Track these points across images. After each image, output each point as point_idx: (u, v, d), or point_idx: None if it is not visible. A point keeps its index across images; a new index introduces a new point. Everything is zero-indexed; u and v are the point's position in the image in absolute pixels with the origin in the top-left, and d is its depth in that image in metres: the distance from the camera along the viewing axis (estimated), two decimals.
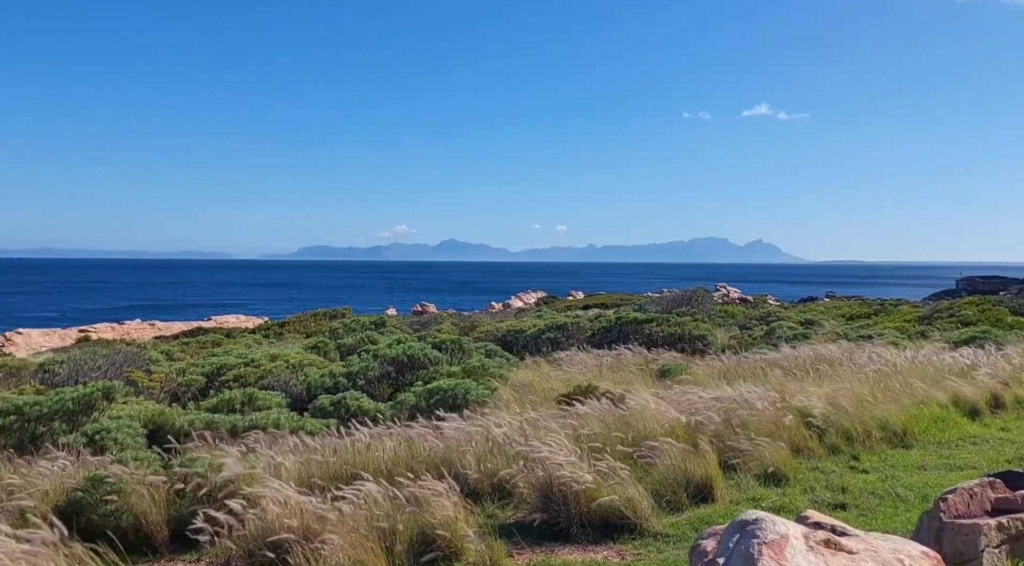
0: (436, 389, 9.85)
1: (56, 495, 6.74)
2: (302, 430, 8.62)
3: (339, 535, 5.25)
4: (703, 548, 3.68)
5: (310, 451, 7.57)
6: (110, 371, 14.03)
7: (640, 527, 6.30)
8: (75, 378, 13.54)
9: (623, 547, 6.11)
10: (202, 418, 8.83)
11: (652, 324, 16.81)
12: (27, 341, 38.92)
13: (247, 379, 12.31)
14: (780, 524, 3.44)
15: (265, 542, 5.47)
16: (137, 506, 6.48)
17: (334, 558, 5.12)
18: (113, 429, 8.20)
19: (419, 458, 7.44)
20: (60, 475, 7.06)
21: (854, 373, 11.41)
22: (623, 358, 14.01)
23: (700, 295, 26.97)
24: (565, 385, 11.37)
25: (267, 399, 10.22)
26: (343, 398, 10.06)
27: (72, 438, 8.12)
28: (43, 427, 8.86)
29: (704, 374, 12.37)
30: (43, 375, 14.11)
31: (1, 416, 8.78)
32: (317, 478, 6.98)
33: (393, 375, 12.00)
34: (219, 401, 10.16)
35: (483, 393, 9.81)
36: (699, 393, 9.47)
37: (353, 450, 7.56)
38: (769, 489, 7.35)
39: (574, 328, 17.43)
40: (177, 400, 12.02)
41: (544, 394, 10.93)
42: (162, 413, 9.28)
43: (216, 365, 13.33)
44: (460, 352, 13.59)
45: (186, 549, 6.37)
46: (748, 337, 18.44)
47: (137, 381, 12.35)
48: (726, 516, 6.40)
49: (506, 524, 6.62)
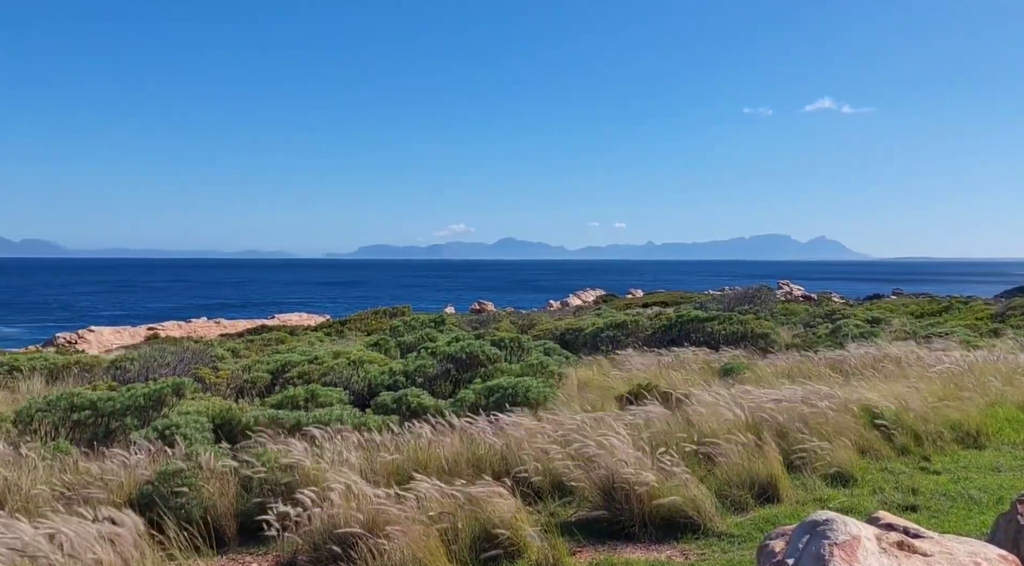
0: (496, 387, 9.87)
1: (129, 487, 6.93)
2: (364, 426, 8.72)
3: (402, 531, 5.30)
4: (771, 548, 3.61)
5: (372, 447, 7.65)
6: (178, 368, 14.36)
7: (704, 527, 6.23)
8: (145, 375, 13.89)
9: (686, 547, 6.04)
10: (267, 414, 8.99)
11: (713, 322, 16.60)
12: (99, 339, 40.07)
13: (310, 376, 12.49)
14: (851, 525, 3.37)
15: (330, 536, 5.55)
16: (206, 499, 6.63)
17: (397, 553, 5.16)
18: (182, 424, 8.39)
19: (479, 455, 7.47)
20: (133, 468, 7.26)
21: (923, 372, 11.11)
22: (684, 357, 13.87)
23: (763, 293, 26.55)
24: (625, 383, 11.31)
25: (330, 395, 10.35)
26: (404, 395, 10.15)
27: (143, 432, 8.33)
28: (116, 422, 9.11)
29: (767, 373, 12.18)
30: (115, 372, 14.50)
31: (77, 411, 9.06)
32: (379, 474, 7.06)
33: (453, 372, 12.05)
34: (283, 397, 10.32)
35: (543, 391, 9.80)
36: (762, 392, 9.32)
37: (414, 447, 7.63)
38: (836, 490, 7.20)
39: (634, 326, 17.31)
40: (243, 396, 12.27)
41: (604, 392, 10.88)
42: (229, 409, 9.47)
43: (280, 362, 13.55)
44: (519, 350, 13.60)
45: (254, 542, 6.50)
46: (812, 335, 18.10)
47: (204, 378, 12.62)
48: (792, 517, 6.29)
49: (567, 522, 6.61)
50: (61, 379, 14.84)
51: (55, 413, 9.04)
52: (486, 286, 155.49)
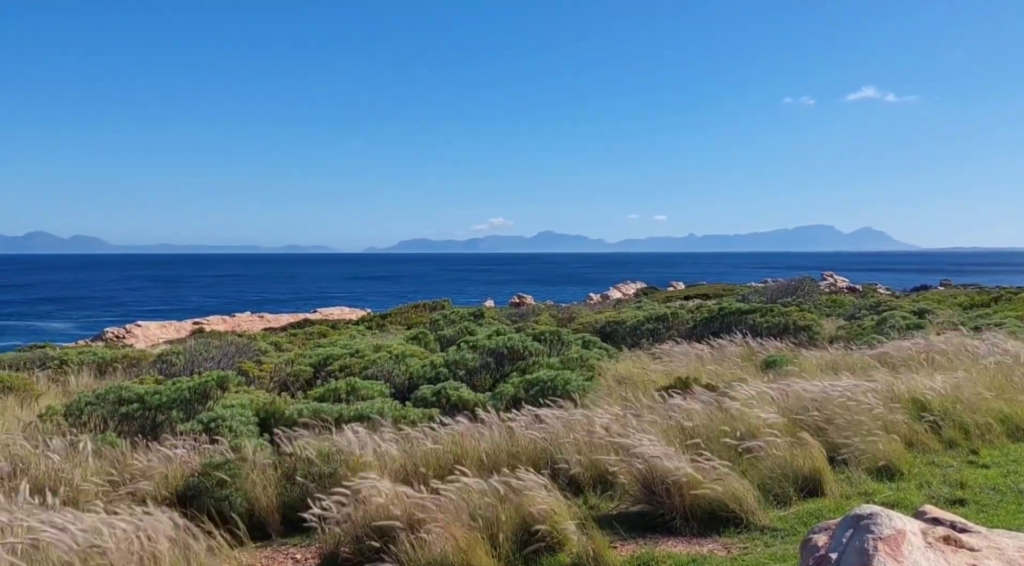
0: (535, 380, 9.87)
1: (175, 479, 7.05)
2: (405, 419, 8.77)
3: (442, 523, 5.33)
4: (814, 542, 3.57)
5: (413, 440, 7.69)
6: (223, 361, 14.56)
7: (746, 521, 6.18)
8: (190, 368, 14.11)
9: (729, 540, 6.00)
10: (310, 407, 9.07)
11: (756, 314, 16.42)
12: (145, 333, 40.80)
13: (352, 369, 12.60)
14: (896, 519, 3.31)
15: (372, 528, 5.60)
16: (250, 491, 6.73)
17: (438, 546, 5.19)
18: (227, 417, 8.50)
19: (520, 449, 7.48)
20: (179, 460, 7.39)
21: (972, 364, 10.89)
22: (726, 349, 13.74)
23: (806, 284, 26.20)
24: (666, 377, 11.24)
25: (371, 389, 10.43)
26: (444, 388, 10.19)
27: (189, 425, 8.46)
28: (162, 415, 9.27)
29: (811, 366, 12.02)
30: (161, 365, 14.75)
31: (125, 404, 9.23)
32: (420, 467, 7.10)
33: (492, 366, 12.08)
34: (326, 390, 10.42)
35: (583, 384, 9.78)
36: (806, 385, 9.21)
37: (454, 440, 7.65)
38: (882, 484, 7.10)
39: (674, 319, 17.19)
40: (286, 389, 12.41)
41: (645, 386, 10.82)
42: (272, 402, 9.58)
43: (322, 356, 13.69)
44: (559, 343, 13.58)
45: (297, 533, 6.58)
46: (857, 327, 17.82)
47: (248, 371, 12.79)
48: (836, 511, 6.22)
49: (608, 515, 6.60)
50: (109, 373, 15.13)
51: (104, 406, 9.21)
52: (525, 279, 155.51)
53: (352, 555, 5.68)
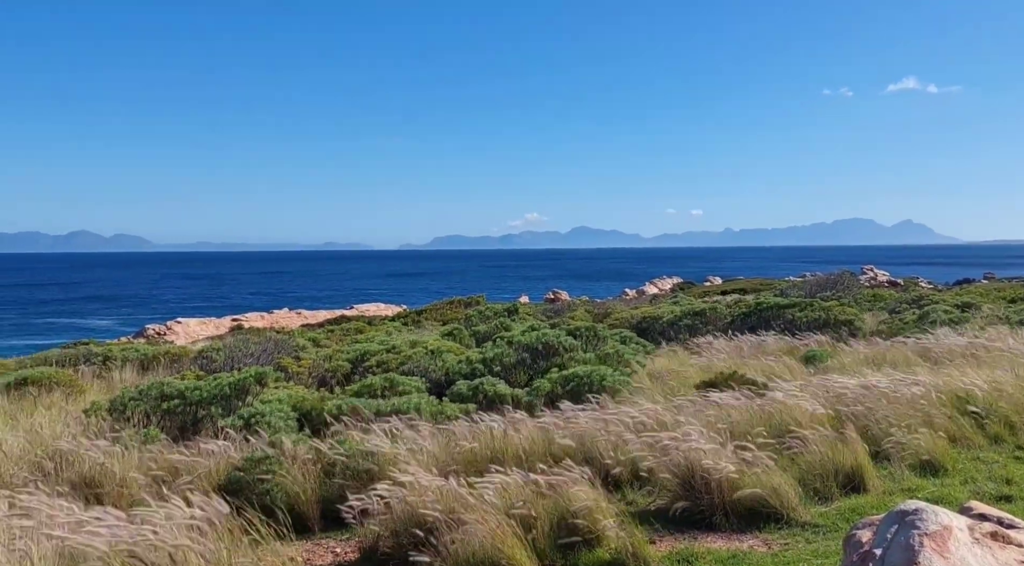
0: (572, 376, 9.86)
1: (217, 474, 7.14)
2: (441, 415, 8.81)
3: (480, 519, 5.34)
4: (858, 538, 3.53)
5: (450, 435, 7.72)
6: (262, 358, 14.71)
7: (787, 517, 6.13)
8: (230, 364, 14.27)
9: (769, 536, 5.95)
10: (348, 402, 9.14)
11: (795, 309, 16.24)
12: (185, 330, 41.39)
13: (389, 365, 12.67)
14: (942, 515, 3.26)
15: (410, 523, 5.63)
16: (290, 486, 6.80)
17: (476, 541, 5.20)
18: (266, 413, 8.59)
19: (556, 444, 7.47)
20: (220, 456, 7.49)
21: (1017, 358, 10.68)
22: (764, 345, 13.62)
23: (846, 278, 25.85)
24: (704, 372, 11.16)
25: (408, 384, 10.48)
26: (480, 384, 10.21)
27: (229, 421, 8.56)
28: (203, 410, 9.39)
29: (851, 361, 11.88)
30: (201, 361, 14.94)
31: (167, 400, 9.37)
32: (456, 462, 7.12)
33: (528, 362, 12.07)
34: (363, 386, 10.49)
35: (619, 380, 9.75)
36: (846, 380, 9.10)
37: (491, 435, 7.67)
38: (925, 479, 7.00)
39: (712, 314, 17.06)
40: (324, 385, 12.52)
41: (682, 381, 10.76)
42: (311, 398, 9.67)
43: (360, 351, 13.79)
44: (595, 339, 13.54)
45: (337, 528, 6.64)
46: (899, 322, 17.56)
47: (287, 367, 12.91)
48: (879, 507, 6.14)
49: (646, 511, 6.58)
50: (151, 369, 15.38)
51: (146, 402, 9.36)
52: (560, 275, 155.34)
53: (391, 549, 5.72)
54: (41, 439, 8.23)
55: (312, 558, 6.13)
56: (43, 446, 7.89)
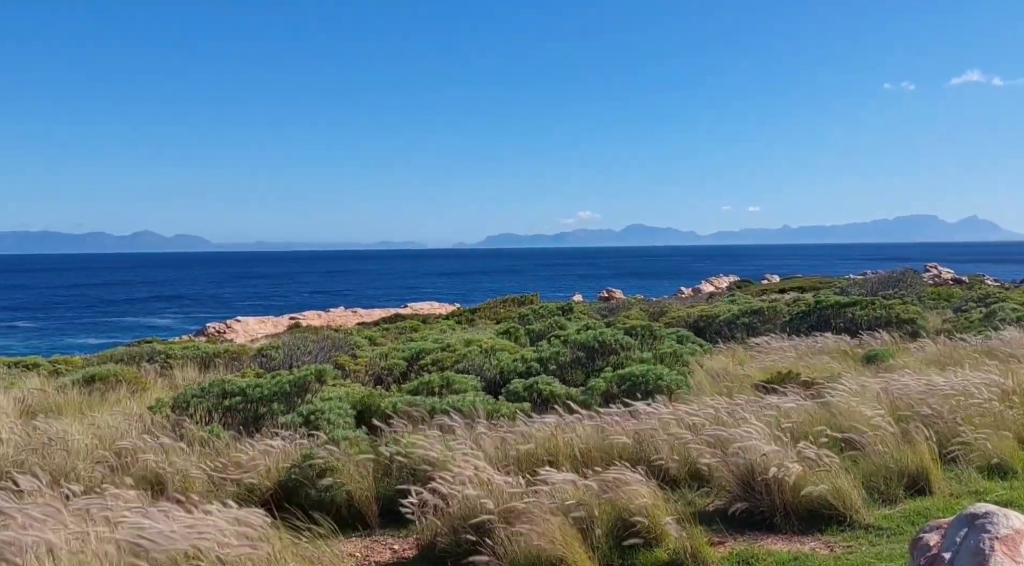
0: (628, 375, 9.79)
1: (277, 471, 7.24)
2: (497, 413, 8.81)
3: (538, 517, 5.33)
4: (925, 542, 3.44)
5: (505, 434, 7.72)
6: (319, 355, 14.89)
7: (849, 519, 6.01)
8: (289, 362, 14.48)
9: (831, 539, 5.84)
10: (404, 400, 9.20)
11: (855, 307, 15.91)
12: (245, 328, 42.13)
13: (444, 363, 12.73)
14: (1014, 518, 3.16)
15: (467, 521, 5.64)
16: (349, 483, 6.86)
17: (534, 540, 5.19)
18: (325, 410, 8.69)
19: (612, 443, 7.42)
20: (280, 452, 7.59)
21: None
22: (824, 344, 13.36)
23: (908, 276, 25.26)
24: (762, 371, 11.00)
25: (463, 382, 10.52)
26: (535, 382, 10.20)
27: (289, 418, 8.69)
28: (264, 407, 9.54)
29: (914, 360, 11.59)
30: (261, 360, 15.18)
31: (228, 397, 9.54)
32: (512, 461, 7.11)
33: (583, 361, 12.03)
34: (419, 384, 10.56)
35: (676, 379, 9.65)
36: (910, 379, 8.89)
37: (546, 434, 7.65)
38: (993, 482, 6.80)
39: (770, 313, 16.81)
40: (380, 383, 12.62)
41: (740, 381, 10.62)
42: (368, 395, 9.75)
43: (415, 350, 13.87)
44: (651, 338, 13.43)
45: (395, 525, 6.68)
46: (964, 320, 17.10)
47: (344, 365, 13.05)
48: (945, 510, 5.98)
49: (704, 511, 6.50)
50: (212, 367, 15.66)
51: (208, 399, 9.54)
52: (614, 273, 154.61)
53: (449, 547, 5.73)
54: (107, 435, 8.43)
55: (370, 554, 6.17)
56: (109, 442, 8.08)
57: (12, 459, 7.61)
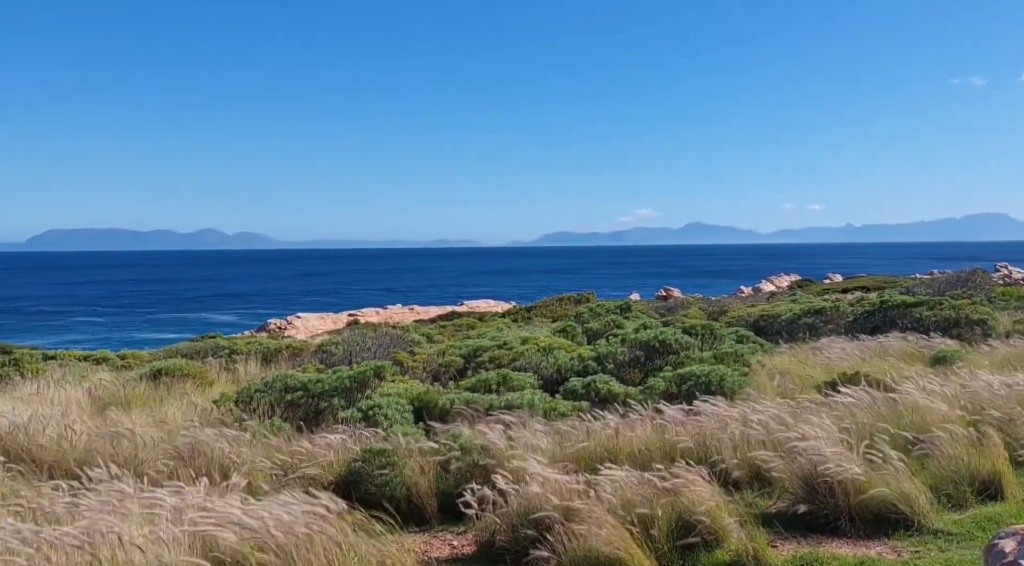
0: (688, 374, 9.68)
1: (338, 465, 7.33)
2: (554, 411, 8.79)
3: (597, 516, 5.30)
4: (1000, 548, 3.34)
5: (563, 432, 7.70)
6: (378, 352, 15.02)
7: (917, 523, 5.87)
8: (349, 358, 14.63)
9: (898, 543, 5.70)
10: (462, 397, 9.24)
11: (922, 308, 15.51)
12: (305, 324, 42.79)
13: (501, 361, 12.74)
14: None
15: (526, 519, 5.63)
16: (408, 478, 6.91)
17: (593, 538, 5.17)
18: (384, 405, 8.76)
19: (672, 443, 7.36)
20: (340, 447, 7.69)
21: None
22: (889, 344, 13.05)
23: (977, 276, 24.53)
24: (825, 372, 10.79)
25: (521, 380, 10.51)
26: (593, 381, 10.14)
27: (349, 413, 8.79)
28: (324, 402, 9.67)
29: (984, 362, 11.26)
30: (321, 355, 15.37)
31: (290, 392, 9.69)
32: (571, 460, 7.09)
33: (642, 360, 11.93)
34: (477, 381, 10.58)
35: (737, 379, 9.52)
36: (980, 381, 8.63)
37: (605, 433, 7.61)
38: None
39: (833, 312, 16.47)
40: (438, 380, 12.68)
41: (803, 381, 10.43)
42: (426, 392, 9.82)
43: (472, 347, 13.90)
44: (711, 337, 13.27)
45: (453, 521, 6.71)
46: None
47: (402, 362, 13.14)
48: (1018, 516, 5.82)
49: (766, 514, 6.40)
50: (274, 362, 15.91)
51: (271, 394, 9.70)
52: (672, 272, 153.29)
53: (508, 544, 5.74)
54: (174, 427, 8.62)
55: (429, 550, 6.21)
56: (175, 434, 8.26)
57: (85, 450, 7.82)
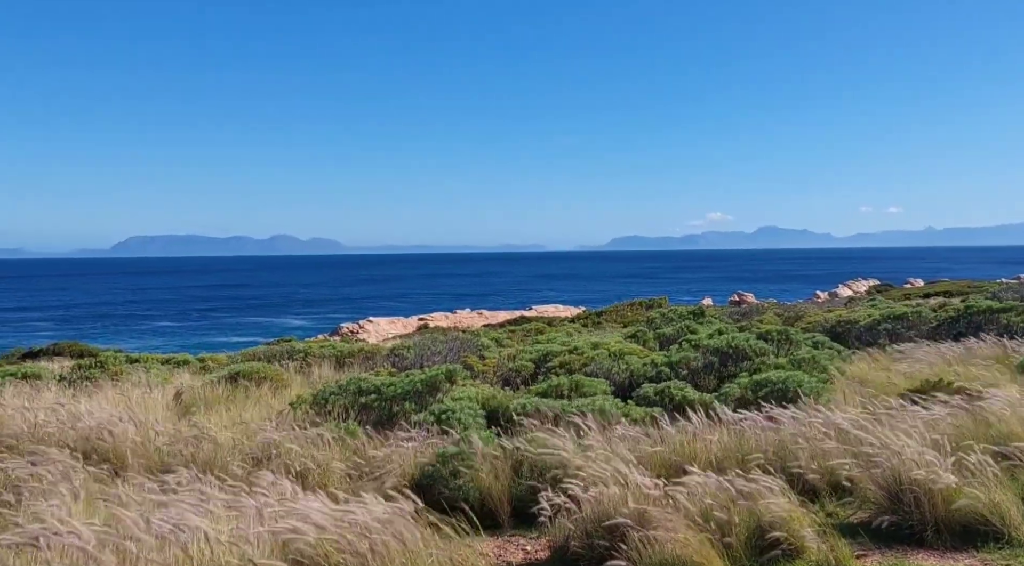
0: (764, 381, 9.50)
1: (411, 468, 7.39)
2: (627, 417, 8.71)
3: (673, 523, 5.22)
4: None
5: (636, 438, 7.62)
6: (448, 356, 15.13)
7: (1008, 536, 5.63)
8: (420, 362, 14.77)
9: (987, 557, 5.49)
10: (532, 402, 9.22)
11: (1010, 313, 14.91)
12: (376, 328, 43.41)
13: (571, 366, 12.70)
14: None
15: (600, 525, 5.58)
16: (481, 482, 6.92)
17: (669, 546, 5.09)
18: (456, 409, 8.81)
19: (749, 451, 7.21)
20: (413, 450, 7.75)
21: None
22: (975, 351, 12.58)
23: None
24: (907, 379, 10.47)
25: (592, 385, 10.45)
26: (666, 387, 10.02)
27: (421, 416, 8.85)
28: (397, 406, 9.76)
29: None
30: (393, 359, 15.55)
31: (364, 395, 9.81)
32: (644, 466, 7.01)
33: (716, 366, 11.76)
34: (547, 386, 10.56)
35: (815, 386, 9.30)
36: None
37: (679, 440, 7.52)
38: None
39: (915, 318, 15.96)
40: (508, 384, 12.70)
41: (883, 389, 10.13)
42: (497, 396, 9.84)
43: (542, 352, 13.89)
44: (787, 343, 13.00)
45: (526, 526, 6.70)
46: None
47: (473, 366, 13.21)
48: None
49: (847, 524, 6.24)
50: (347, 366, 16.15)
51: (345, 397, 9.84)
52: (745, 277, 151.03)
53: (582, 549, 5.69)
54: (251, 429, 8.80)
55: (503, 554, 6.21)
56: (253, 436, 8.43)
57: (167, 450, 8.04)
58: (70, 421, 8.76)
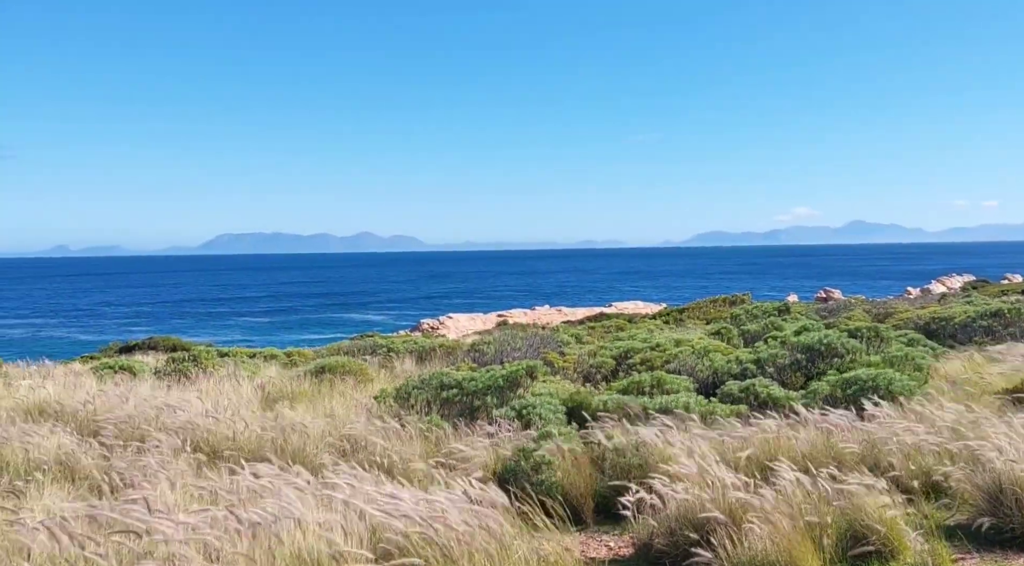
0: (854, 378, 9.24)
1: (494, 463, 7.43)
2: (711, 415, 8.59)
3: (764, 521, 5.12)
4: None
5: (721, 436, 7.51)
6: (528, 352, 15.15)
7: None
8: (500, 358, 14.82)
9: None
10: (614, 399, 9.17)
11: None
12: (456, 324, 43.81)
13: (653, 362, 12.57)
14: None
15: (686, 521, 5.52)
16: (563, 478, 6.91)
17: (760, 544, 5.00)
18: (537, 405, 8.82)
19: (838, 450, 7.04)
20: (496, 444, 7.79)
21: None
22: None
23: None
24: (1006, 379, 10.06)
25: (675, 383, 10.34)
26: (752, 385, 9.84)
27: (503, 411, 8.89)
28: (478, 400, 9.83)
29: None
30: (473, 354, 15.65)
31: (446, 389, 9.91)
32: (729, 464, 6.90)
33: (803, 363, 11.48)
34: (629, 383, 10.48)
35: (907, 384, 9.00)
36: None
37: (765, 438, 7.37)
38: None
39: (1013, 315, 15.32)
40: (589, 380, 12.65)
41: (980, 388, 9.77)
42: (578, 392, 9.81)
43: (623, 348, 13.79)
44: (877, 340, 12.62)
45: (609, 522, 6.67)
46: None
47: (553, 362, 13.20)
48: None
49: (944, 526, 6.02)
50: (428, 360, 16.33)
51: (428, 391, 9.95)
52: (831, 272, 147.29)
53: (666, 547, 5.64)
54: (337, 422, 8.98)
55: (587, 550, 6.18)
56: (339, 428, 8.61)
57: (257, 441, 8.27)
58: (167, 412, 9.08)
